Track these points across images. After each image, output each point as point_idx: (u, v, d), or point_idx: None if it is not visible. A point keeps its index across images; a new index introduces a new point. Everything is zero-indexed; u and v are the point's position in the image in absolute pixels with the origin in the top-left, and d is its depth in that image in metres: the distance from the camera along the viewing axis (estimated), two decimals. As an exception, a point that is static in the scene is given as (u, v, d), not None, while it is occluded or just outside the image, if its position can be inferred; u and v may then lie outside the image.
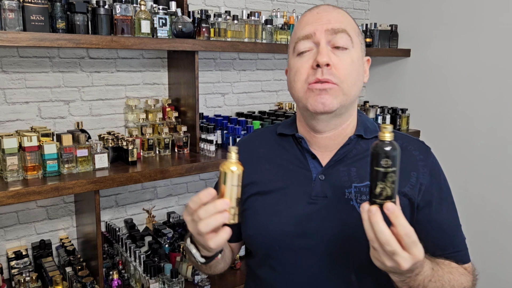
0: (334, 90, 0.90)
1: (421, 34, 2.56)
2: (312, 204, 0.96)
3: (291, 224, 0.96)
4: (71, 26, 1.49)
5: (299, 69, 0.94)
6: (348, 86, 0.92)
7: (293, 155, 1.03)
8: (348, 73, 0.92)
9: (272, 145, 1.08)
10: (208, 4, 2.15)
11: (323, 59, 0.89)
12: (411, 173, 0.97)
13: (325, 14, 0.95)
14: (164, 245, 1.86)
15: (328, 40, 0.92)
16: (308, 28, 0.94)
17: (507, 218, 2.25)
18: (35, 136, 1.43)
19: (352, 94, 0.94)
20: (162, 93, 2.05)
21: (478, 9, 2.28)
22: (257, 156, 1.07)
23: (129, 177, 1.55)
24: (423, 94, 2.58)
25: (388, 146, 0.72)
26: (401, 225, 0.73)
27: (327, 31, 0.92)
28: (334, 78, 0.90)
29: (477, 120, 2.33)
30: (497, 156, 2.26)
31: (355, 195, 0.95)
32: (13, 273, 1.59)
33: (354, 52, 0.94)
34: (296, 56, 0.95)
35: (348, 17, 0.98)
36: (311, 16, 0.96)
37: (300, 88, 0.94)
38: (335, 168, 0.98)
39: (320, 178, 0.98)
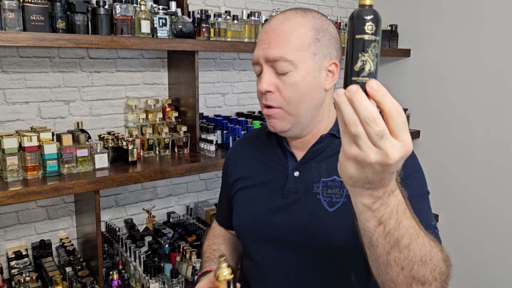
0: (278, 113, 0.97)
1: (421, 34, 2.56)
2: (284, 198, 1.03)
3: (265, 217, 1.04)
4: (71, 26, 1.49)
5: (256, 89, 1.01)
6: (293, 107, 0.96)
7: (275, 153, 1.10)
8: (290, 95, 0.95)
9: (260, 143, 1.16)
10: (208, 4, 2.15)
11: (262, 87, 0.95)
12: None
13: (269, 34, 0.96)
14: (164, 245, 1.86)
15: (269, 65, 0.96)
16: (255, 52, 0.99)
17: (508, 217, 2.25)
18: (35, 136, 1.43)
19: (300, 112, 0.97)
20: (162, 93, 2.05)
21: (478, 9, 2.28)
22: (245, 154, 1.17)
23: (129, 177, 1.55)
24: (423, 94, 2.58)
25: (369, 10, 0.61)
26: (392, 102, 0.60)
27: (266, 59, 0.95)
28: (276, 103, 0.96)
29: (477, 120, 2.33)
30: (497, 156, 2.26)
31: (322, 189, 1.00)
32: (13, 273, 1.59)
33: (298, 73, 0.94)
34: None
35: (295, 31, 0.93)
36: (261, 35, 0.99)
37: (261, 108, 1.02)
38: (308, 164, 1.04)
39: (294, 174, 1.04)
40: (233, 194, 1.17)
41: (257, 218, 1.06)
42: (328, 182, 1.00)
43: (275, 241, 1.03)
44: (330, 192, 0.99)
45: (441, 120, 2.50)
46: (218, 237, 1.27)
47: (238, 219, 1.12)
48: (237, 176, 1.16)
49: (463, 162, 2.42)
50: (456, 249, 2.44)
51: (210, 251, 1.21)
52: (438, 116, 2.52)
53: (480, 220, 2.36)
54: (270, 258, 1.05)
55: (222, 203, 1.29)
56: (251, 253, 1.10)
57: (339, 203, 0.98)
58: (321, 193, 0.99)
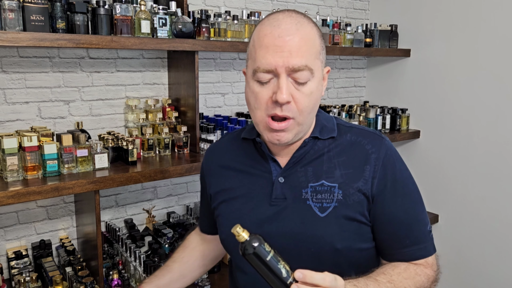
0: (290, 126, 0.93)
1: (421, 34, 2.56)
2: (273, 206, 1.00)
3: (255, 227, 0.99)
4: (71, 26, 1.49)
5: (258, 97, 0.93)
6: (304, 117, 0.94)
7: (255, 160, 1.06)
8: (306, 105, 0.92)
9: (236, 150, 1.11)
10: (208, 4, 2.15)
11: (282, 97, 0.88)
12: (364, 167, 0.99)
13: (288, 40, 0.89)
14: (164, 245, 1.86)
15: (288, 73, 0.90)
16: (269, 58, 0.89)
17: (507, 217, 2.25)
18: (35, 136, 1.43)
19: (307, 122, 0.96)
20: (162, 93, 2.05)
21: (478, 9, 2.28)
22: (223, 163, 1.12)
23: (129, 177, 1.55)
24: (423, 94, 2.58)
25: (255, 240, 0.77)
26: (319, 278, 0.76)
27: (287, 68, 0.88)
28: (292, 113, 0.92)
29: (477, 119, 2.33)
30: (497, 156, 2.26)
31: (311, 194, 0.98)
32: (13, 273, 1.59)
33: (314, 82, 0.93)
34: (256, 82, 0.93)
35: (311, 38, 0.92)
36: (272, 40, 0.89)
37: (259, 117, 0.94)
38: (293, 169, 1.01)
39: (279, 180, 1.01)
40: (215, 207, 1.12)
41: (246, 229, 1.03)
42: (317, 187, 0.98)
43: None
44: (320, 198, 0.97)
45: (441, 120, 2.50)
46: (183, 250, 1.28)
47: (225, 233, 1.07)
48: (217, 188, 1.11)
49: (462, 162, 2.42)
50: (456, 249, 2.44)
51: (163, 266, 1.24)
52: (438, 116, 2.52)
53: (479, 220, 2.36)
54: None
55: (203, 211, 1.25)
56: (242, 266, 1.06)
57: (330, 207, 0.96)
58: (311, 198, 0.98)
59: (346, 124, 1.07)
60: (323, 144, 1.02)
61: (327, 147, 1.02)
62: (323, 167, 1.00)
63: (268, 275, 0.77)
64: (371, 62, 2.83)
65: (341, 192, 0.97)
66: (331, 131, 1.03)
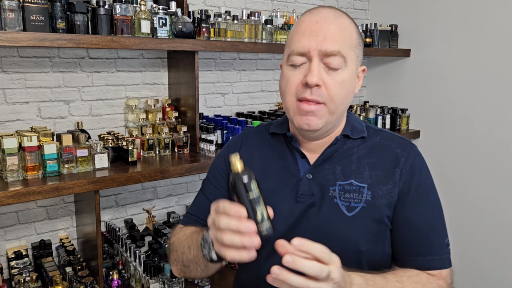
0: (320, 111, 0.92)
1: (421, 34, 2.56)
2: (299, 202, 0.99)
3: (280, 222, 0.98)
4: (71, 26, 1.49)
5: (289, 80, 0.94)
6: (335, 105, 0.93)
7: (283, 155, 1.05)
8: (337, 93, 0.92)
9: (264, 144, 1.10)
10: (208, 4, 2.15)
11: (313, 80, 0.89)
12: (394, 170, 0.99)
13: (324, 27, 0.92)
14: (164, 245, 1.86)
15: (321, 58, 0.91)
16: (304, 42, 0.92)
17: (508, 217, 2.25)
18: (35, 136, 1.43)
19: (339, 111, 0.96)
20: (162, 93, 2.05)
21: (478, 9, 2.28)
22: (249, 155, 1.09)
23: (129, 177, 1.55)
24: (423, 94, 2.58)
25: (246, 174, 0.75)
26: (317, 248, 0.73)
27: (320, 52, 0.90)
28: (322, 98, 0.91)
29: (477, 119, 2.33)
30: (497, 156, 2.26)
31: (339, 192, 0.97)
32: (13, 273, 1.59)
33: (347, 71, 0.93)
34: (289, 65, 0.95)
35: (348, 29, 0.94)
36: (309, 25, 0.93)
37: (289, 101, 0.96)
38: (321, 167, 1.01)
39: (307, 177, 1.01)
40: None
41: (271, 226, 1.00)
42: (345, 186, 0.97)
43: None
44: (348, 197, 0.97)
45: (441, 120, 2.50)
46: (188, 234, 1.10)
47: None
48: None
49: (462, 162, 2.42)
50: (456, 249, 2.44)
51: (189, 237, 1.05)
52: (438, 116, 2.52)
53: (480, 220, 2.36)
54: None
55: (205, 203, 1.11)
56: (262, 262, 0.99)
57: (358, 208, 0.96)
58: (338, 197, 0.97)
59: (375, 128, 1.08)
60: (353, 144, 1.02)
61: (356, 147, 1.02)
62: (352, 167, 1.00)
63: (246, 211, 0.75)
64: (371, 62, 2.83)
65: (370, 193, 0.97)
66: (361, 131, 1.04)
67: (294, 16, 2.17)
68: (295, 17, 2.18)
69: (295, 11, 2.32)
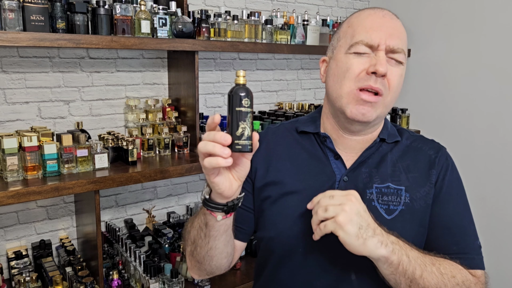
0: (378, 103, 0.93)
1: (421, 34, 2.56)
2: None
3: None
4: (71, 26, 1.49)
5: (351, 68, 0.93)
6: (391, 98, 0.95)
7: (315, 154, 1.02)
8: (396, 86, 0.95)
9: (291, 143, 1.05)
10: (208, 4, 2.15)
11: (382, 69, 0.90)
12: (430, 171, 1.00)
13: (390, 22, 0.95)
14: (164, 245, 1.86)
15: (386, 52, 0.93)
16: (373, 34, 0.93)
17: (508, 217, 2.25)
18: (35, 136, 1.42)
19: (391, 106, 0.97)
20: (162, 93, 2.05)
21: (478, 9, 2.28)
22: (275, 154, 1.05)
23: (129, 177, 1.55)
24: (423, 94, 2.58)
25: (245, 89, 0.76)
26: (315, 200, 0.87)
27: (388, 46, 0.93)
28: (384, 89, 0.93)
29: (477, 119, 2.33)
30: (498, 156, 2.26)
31: (376, 195, 0.96)
32: (13, 273, 1.59)
33: (403, 67, 0.97)
34: (352, 54, 0.94)
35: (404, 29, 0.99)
36: (376, 19, 0.95)
37: (347, 88, 0.93)
38: (357, 169, 0.99)
39: (344, 179, 0.99)
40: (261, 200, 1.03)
41: (305, 229, 0.95)
42: (382, 189, 0.96)
43: (326, 252, 0.95)
44: (386, 200, 0.96)
45: (441, 120, 2.50)
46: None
47: (276, 230, 0.99)
48: (268, 178, 1.02)
49: (462, 162, 2.41)
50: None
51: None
52: (438, 116, 2.52)
53: (480, 219, 2.35)
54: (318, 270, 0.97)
55: None
56: (292, 266, 0.99)
57: (396, 211, 0.95)
58: (376, 200, 0.96)
59: (403, 130, 1.09)
60: (387, 147, 1.02)
61: (390, 151, 1.02)
62: (387, 170, 0.99)
63: (230, 122, 0.77)
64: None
65: (408, 196, 0.96)
66: (395, 136, 1.04)
67: (294, 16, 2.17)
68: (295, 17, 2.18)
69: (295, 11, 2.32)
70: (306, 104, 2.43)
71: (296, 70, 2.56)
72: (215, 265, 0.98)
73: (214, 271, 1.01)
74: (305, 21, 2.19)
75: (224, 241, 0.94)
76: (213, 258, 0.95)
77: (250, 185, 1.06)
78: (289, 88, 2.55)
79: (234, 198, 0.85)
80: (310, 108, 2.41)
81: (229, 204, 0.85)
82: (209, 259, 0.96)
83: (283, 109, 2.40)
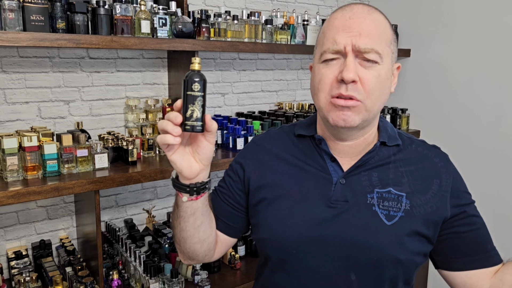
0: (357, 107, 0.88)
1: (421, 34, 2.56)
2: (332, 208, 0.95)
3: (310, 228, 0.94)
4: (71, 26, 1.49)
5: (323, 78, 0.91)
6: (371, 102, 0.89)
7: (311, 157, 1.01)
8: (373, 88, 0.88)
9: (289, 146, 1.05)
10: (208, 4, 2.15)
11: (349, 75, 0.86)
12: (433, 181, 0.97)
13: (358, 22, 0.89)
14: (164, 245, 1.86)
15: (356, 54, 0.88)
16: (338, 39, 0.89)
17: (508, 217, 2.25)
18: (35, 136, 1.43)
19: (375, 109, 0.91)
20: (162, 93, 2.05)
21: (479, 9, 2.28)
22: (271, 156, 1.05)
23: (129, 177, 1.55)
24: (423, 94, 2.58)
25: (197, 74, 0.85)
26: None
27: (355, 48, 0.87)
28: (358, 95, 0.88)
29: (477, 119, 2.33)
30: (498, 156, 2.26)
31: (377, 200, 0.94)
32: (13, 273, 1.59)
33: (383, 66, 0.90)
34: (322, 62, 0.92)
35: (382, 25, 0.92)
36: (342, 21, 0.90)
37: (323, 99, 0.91)
38: (356, 172, 0.97)
39: (341, 182, 0.96)
40: (256, 203, 1.03)
41: (300, 231, 0.95)
42: (383, 194, 0.94)
43: (323, 255, 0.94)
44: (387, 205, 0.94)
45: (441, 120, 2.50)
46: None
47: (270, 232, 0.99)
48: (262, 181, 1.03)
49: (462, 162, 2.41)
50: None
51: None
52: (438, 116, 2.52)
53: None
54: (315, 273, 0.96)
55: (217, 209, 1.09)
56: (287, 268, 0.99)
57: (396, 217, 0.93)
58: (377, 205, 0.94)
59: (406, 134, 1.06)
60: (388, 151, 1.00)
61: (393, 155, 0.99)
62: (389, 174, 0.97)
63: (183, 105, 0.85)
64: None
65: (409, 202, 0.94)
66: (395, 139, 1.01)
67: (294, 16, 2.17)
68: (295, 17, 2.18)
69: (295, 11, 2.32)
70: (306, 104, 2.43)
71: (296, 70, 2.56)
72: (189, 249, 1.01)
73: (192, 255, 1.03)
74: (305, 21, 2.19)
75: (193, 224, 0.96)
76: (186, 240, 0.99)
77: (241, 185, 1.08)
78: (289, 88, 2.55)
79: (198, 182, 0.90)
80: (310, 108, 2.41)
81: (192, 186, 0.90)
82: (183, 241, 1.00)
83: (283, 109, 2.40)
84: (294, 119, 2.11)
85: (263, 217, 1.01)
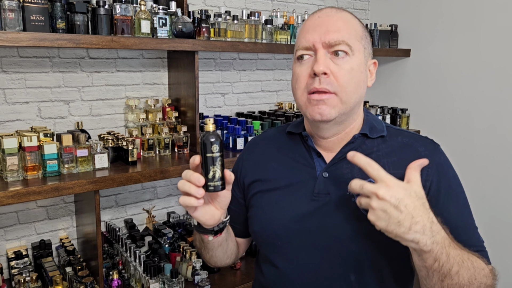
0: (331, 100, 0.92)
1: (421, 34, 2.56)
2: (314, 201, 0.98)
3: (294, 221, 0.99)
4: (71, 26, 1.49)
5: (299, 77, 0.96)
6: (346, 94, 0.93)
7: (299, 153, 1.05)
8: (347, 80, 0.92)
9: (281, 143, 1.11)
10: (208, 4, 2.15)
11: (319, 68, 0.91)
12: None
13: (326, 20, 0.95)
14: (164, 245, 1.86)
15: (326, 49, 0.93)
16: (308, 37, 0.94)
17: (508, 217, 2.25)
18: (35, 136, 1.42)
19: (351, 101, 0.95)
20: (162, 93, 2.05)
21: (478, 9, 2.28)
22: (265, 155, 1.11)
23: (129, 177, 1.55)
24: (423, 94, 2.58)
25: (214, 135, 0.85)
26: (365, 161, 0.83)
27: (324, 43, 0.92)
28: (332, 87, 0.92)
29: (477, 119, 2.33)
30: (498, 156, 2.26)
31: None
32: (13, 273, 1.59)
33: (355, 59, 0.94)
34: (297, 61, 0.97)
35: (351, 21, 0.97)
36: (312, 21, 0.96)
37: (300, 97, 0.97)
38: (338, 165, 0.99)
39: (323, 175, 0.99)
40: (249, 198, 1.10)
41: (284, 223, 1.00)
42: None
43: (306, 247, 0.98)
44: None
45: (441, 120, 2.50)
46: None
47: (259, 225, 1.05)
48: (254, 177, 1.09)
49: (462, 162, 2.42)
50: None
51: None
52: (438, 116, 2.52)
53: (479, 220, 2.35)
54: (299, 265, 1.00)
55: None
56: (274, 260, 1.04)
57: None
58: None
59: (397, 128, 1.07)
60: (372, 143, 1.01)
61: (376, 146, 1.00)
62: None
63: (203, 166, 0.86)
64: (371, 62, 2.83)
65: None
66: (380, 131, 1.02)
67: (294, 16, 2.17)
68: (295, 17, 2.18)
69: (295, 11, 2.32)
70: (306, 104, 2.42)
71: (296, 70, 2.56)
72: (221, 264, 1.13)
73: (223, 265, 1.15)
74: (305, 21, 2.19)
75: (222, 251, 1.07)
76: (217, 261, 1.11)
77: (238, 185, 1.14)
78: (289, 88, 2.55)
79: (220, 223, 0.95)
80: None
81: (215, 228, 0.95)
82: (214, 262, 1.11)
83: (283, 109, 2.40)
84: (294, 119, 2.11)
85: (253, 211, 1.08)
